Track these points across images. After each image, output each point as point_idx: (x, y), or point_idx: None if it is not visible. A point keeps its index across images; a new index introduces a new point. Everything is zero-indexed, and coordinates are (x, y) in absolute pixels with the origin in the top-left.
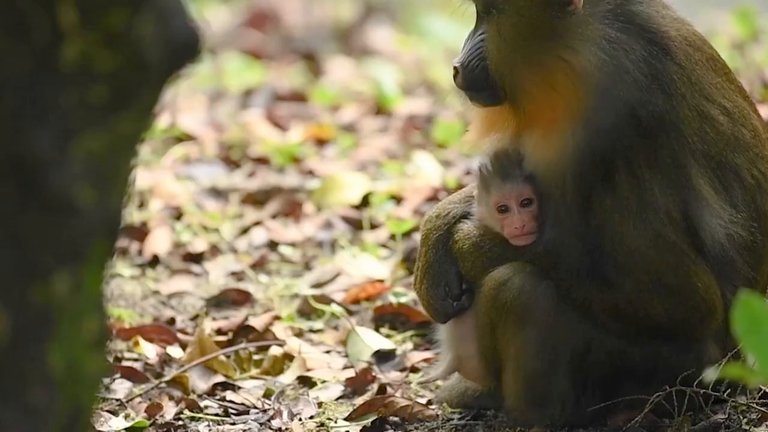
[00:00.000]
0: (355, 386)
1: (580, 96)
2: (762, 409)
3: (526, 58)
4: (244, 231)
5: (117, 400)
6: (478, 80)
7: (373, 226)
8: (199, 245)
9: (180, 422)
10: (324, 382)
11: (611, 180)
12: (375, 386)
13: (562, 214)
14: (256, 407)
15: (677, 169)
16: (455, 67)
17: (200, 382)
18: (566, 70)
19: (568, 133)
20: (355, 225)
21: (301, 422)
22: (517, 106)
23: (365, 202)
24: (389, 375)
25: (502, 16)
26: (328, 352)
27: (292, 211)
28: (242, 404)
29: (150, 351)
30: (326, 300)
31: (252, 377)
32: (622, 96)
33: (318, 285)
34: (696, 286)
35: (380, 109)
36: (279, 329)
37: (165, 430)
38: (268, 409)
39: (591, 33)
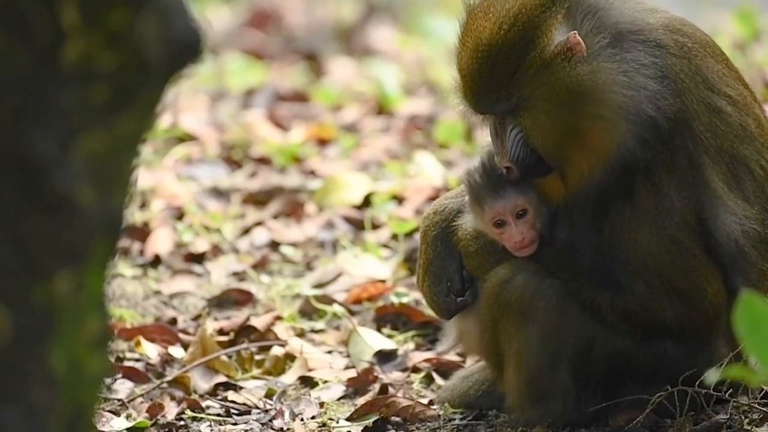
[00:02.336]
0: (356, 386)
1: (617, 137)
2: (764, 409)
3: (567, 133)
4: (246, 231)
5: (119, 400)
6: (531, 167)
7: (375, 227)
8: (201, 245)
9: (181, 422)
10: (326, 382)
11: (631, 191)
12: (377, 386)
13: (576, 221)
14: (257, 407)
15: (693, 170)
16: (507, 167)
17: (202, 382)
18: (602, 126)
19: (600, 165)
20: (357, 225)
21: (302, 422)
22: (565, 173)
23: (367, 202)
24: (391, 375)
25: (533, 112)
26: (329, 352)
27: (293, 211)
28: (244, 404)
29: (151, 351)
30: (328, 300)
31: (254, 377)
32: (644, 114)
33: (319, 285)
34: (705, 290)
35: (382, 109)
36: (281, 329)
37: (166, 430)
38: (270, 410)
39: (606, 76)
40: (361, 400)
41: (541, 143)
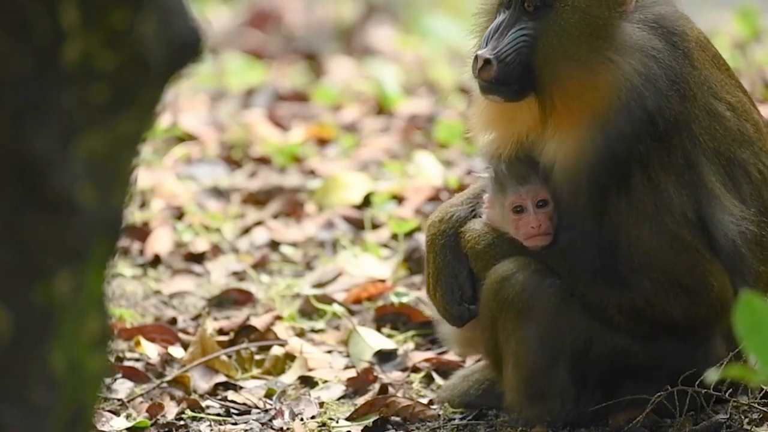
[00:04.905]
0: (356, 386)
1: (612, 98)
2: (763, 409)
3: (578, 55)
4: (246, 231)
5: (118, 399)
6: (511, 74)
7: (375, 226)
8: (201, 245)
9: (181, 422)
10: (325, 382)
11: (627, 184)
12: (376, 386)
13: (574, 218)
14: (257, 407)
15: (690, 169)
16: (486, 59)
17: (202, 382)
18: (612, 71)
19: (587, 136)
20: (357, 225)
21: (302, 422)
22: (548, 102)
23: (366, 202)
24: (391, 375)
25: (566, 12)
26: (329, 352)
27: (293, 210)
28: (244, 404)
29: (151, 351)
30: (328, 300)
31: (253, 377)
32: (645, 103)
33: (319, 285)
34: (711, 285)
35: (381, 108)
36: (280, 329)
37: (166, 430)
38: (270, 409)
39: (638, 39)
40: (360, 400)
41: (546, 50)
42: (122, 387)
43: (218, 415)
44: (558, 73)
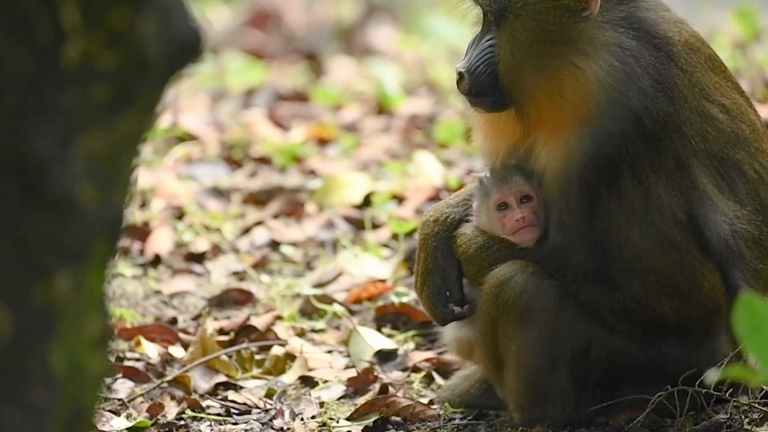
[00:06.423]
0: (356, 386)
1: (588, 101)
2: (764, 409)
3: (538, 64)
4: (246, 231)
5: (119, 399)
6: (484, 86)
7: (375, 226)
8: (201, 245)
9: (182, 422)
10: (326, 381)
11: (617, 185)
12: (377, 386)
13: (566, 219)
14: (257, 407)
15: (681, 171)
16: (460, 72)
17: (202, 382)
18: (577, 76)
19: (575, 138)
20: (357, 225)
21: (302, 422)
22: (523, 111)
23: (367, 201)
24: (391, 375)
25: (517, 21)
26: (329, 351)
27: (293, 210)
28: (244, 404)
29: (152, 351)
30: (328, 300)
31: (254, 377)
32: (629, 103)
33: (320, 285)
34: (702, 285)
35: (382, 108)
36: (281, 329)
37: (167, 429)
38: (270, 409)
39: (605, 39)
40: (361, 400)
41: (507, 60)
42: (122, 387)
43: (218, 415)
44: (522, 82)
